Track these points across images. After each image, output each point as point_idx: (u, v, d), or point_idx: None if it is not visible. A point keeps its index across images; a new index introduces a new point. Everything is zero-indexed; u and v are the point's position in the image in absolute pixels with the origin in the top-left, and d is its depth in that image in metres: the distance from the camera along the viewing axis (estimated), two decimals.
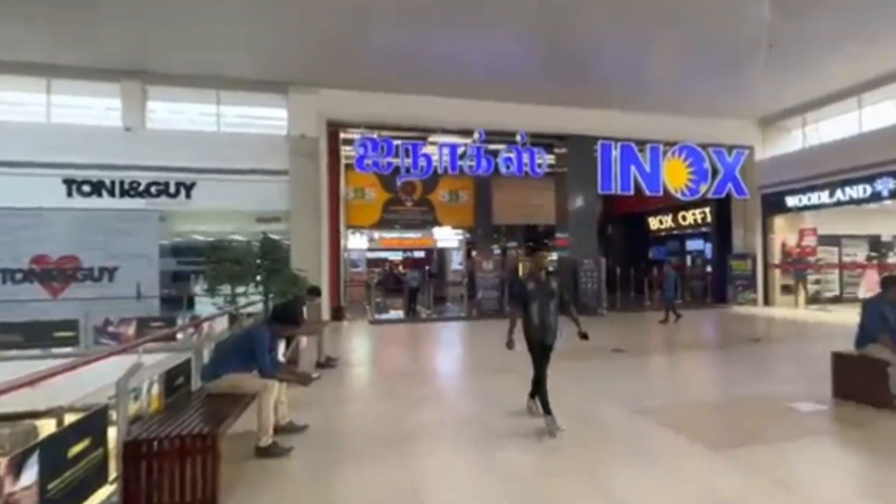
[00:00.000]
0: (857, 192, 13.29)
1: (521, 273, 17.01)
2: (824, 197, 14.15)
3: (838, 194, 13.77)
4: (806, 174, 14.42)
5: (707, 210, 17.63)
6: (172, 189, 11.92)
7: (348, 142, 14.09)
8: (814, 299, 15.45)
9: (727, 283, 16.10)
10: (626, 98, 13.89)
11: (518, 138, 13.85)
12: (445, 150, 13.58)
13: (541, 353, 4.70)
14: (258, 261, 7.07)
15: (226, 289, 6.76)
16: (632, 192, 14.60)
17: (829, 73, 12.57)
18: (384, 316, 14.20)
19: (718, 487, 3.43)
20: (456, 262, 18.41)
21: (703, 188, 14.97)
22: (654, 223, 21.11)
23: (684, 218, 19.02)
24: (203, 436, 3.26)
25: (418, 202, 17.93)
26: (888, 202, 13.11)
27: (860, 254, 16.72)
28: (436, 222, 18.39)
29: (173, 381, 4.23)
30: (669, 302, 12.40)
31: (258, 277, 7.03)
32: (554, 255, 16.56)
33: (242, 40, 10.60)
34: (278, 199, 12.29)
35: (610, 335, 10.41)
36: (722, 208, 16.73)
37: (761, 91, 13.45)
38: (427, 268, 17.39)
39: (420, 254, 20.58)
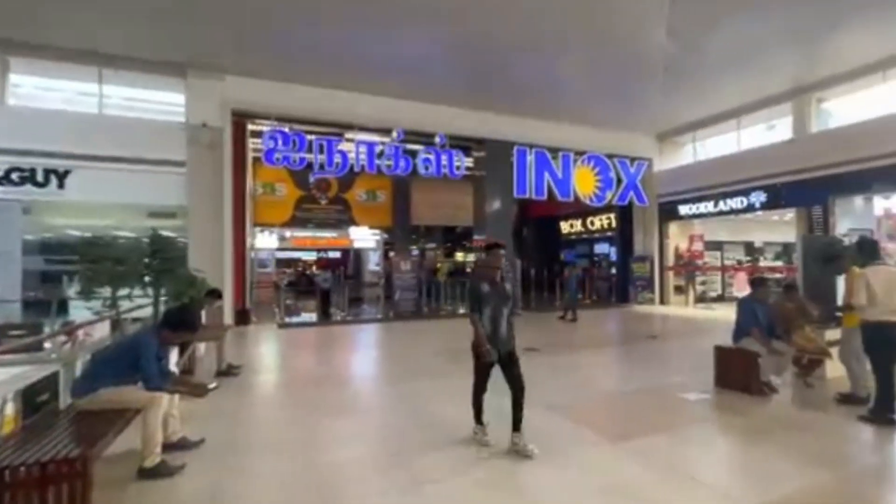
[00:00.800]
0: (736, 203, 15.20)
1: (442, 273, 17.21)
2: (710, 207, 16.00)
3: (721, 205, 15.64)
4: (695, 186, 16.22)
5: (612, 216, 19.15)
6: (40, 177, 10.44)
7: (257, 134, 13.33)
8: (700, 298, 17.38)
9: (629, 284, 17.59)
10: (540, 107, 14.66)
11: (437, 140, 14.01)
12: (363, 148, 13.35)
13: (487, 366, 4.26)
14: (146, 260, 6.39)
15: (105, 291, 6.02)
16: (545, 197, 15.43)
17: (715, 97, 14.23)
18: (295, 319, 13.60)
19: (620, 477, 3.67)
20: (373, 263, 18.20)
21: (608, 195, 16.22)
22: (565, 227, 22.50)
23: (592, 223, 20.51)
24: (70, 460, 2.86)
25: (333, 200, 17.45)
26: (760, 213, 15.14)
27: (738, 258, 19.17)
28: (352, 222, 18.02)
29: (35, 397, 3.70)
30: (571, 301, 13.26)
31: (146, 279, 6.36)
32: (471, 257, 17.00)
33: (131, 10, 9.52)
34: (174, 193, 11.25)
35: (524, 334, 10.81)
36: (625, 215, 18.26)
37: (658, 109, 14.92)
38: (342, 268, 16.98)
39: (336, 254, 20.06)
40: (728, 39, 10.69)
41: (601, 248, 20.90)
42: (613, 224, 19.29)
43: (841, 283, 6.70)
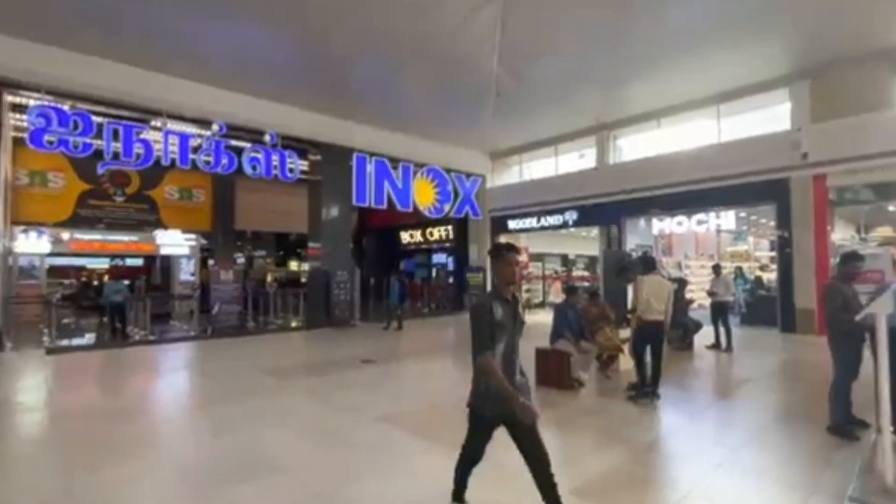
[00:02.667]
0: (554, 220, 16.95)
1: (268, 281, 15.55)
2: (533, 222, 17.59)
3: (542, 221, 17.29)
4: (521, 203, 17.68)
5: (450, 228, 19.86)
6: None
7: (22, 108, 10.34)
8: (526, 305, 18.98)
9: (464, 293, 18.35)
10: (382, 116, 14.39)
11: (267, 138, 12.68)
12: (174, 139, 11.34)
13: (490, 426, 2.95)
14: None
15: None
16: (385, 206, 15.16)
17: (537, 126, 15.66)
18: (75, 342, 10.72)
19: (449, 480, 3.49)
20: (187, 272, 15.60)
21: (446, 208, 16.68)
22: (405, 237, 22.66)
23: (431, 234, 21.01)
24: None
25: (134, 198, 14.54)
26: (573, 229, 17.14)
27: (556, 268, 21.54)
28: (159, 224, 15.25)
29: None
30: (394, 310, 13.17)
31: None
32: (306, 266, 15.79)
33: None
34: None
35: (361, 346, 10.46)
36: (461, 227, 19.06)
37: (491, 130, 15.88)
38: (145, 278, 14.15)
39: (136, 261, 16.63)
40: (548, 76, 11.80)
41: (439, 258, 21.52)
42: (451, 235, 20.00)
43: (630, 290, 7.66)
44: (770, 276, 14.15)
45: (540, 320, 15.26)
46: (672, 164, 13.47)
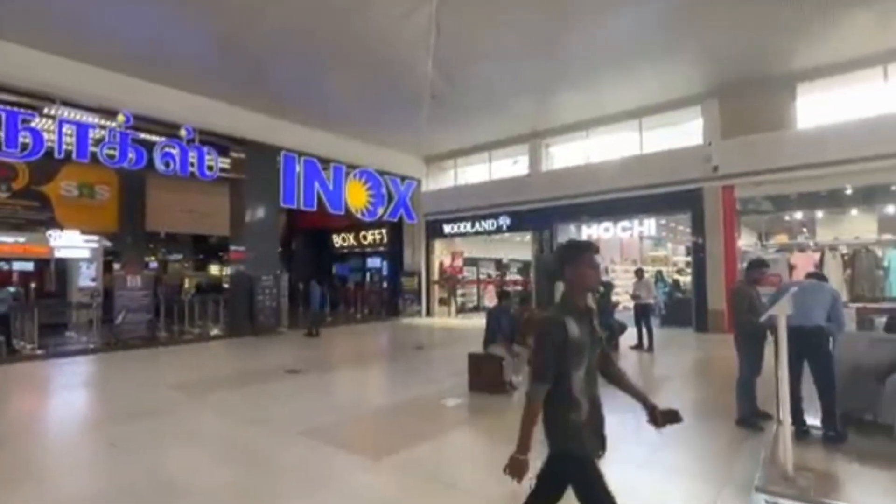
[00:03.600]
0: (488, 224, 17.20)
1: (185, 287, 14.40)
2: (468, 227, 17.74)
3: (477, 225, 17.49)
4: (457, 207, 17.77)
5: (384, 231, 19.56)
6: None
7: None
8: (461, 309, 19.06)
9: (399, 297, 18.13)
10: (312, 115, 13.87)
11: (183, 132, 11.77)
12: (70, 129, 10.20)
13: (564, 480, 2.26)
14: None
15: None
16: (315, 209, 14.62)
17: (472, 131, 15.81)
18: None
19: (384, 495, 3.51)
20: (87, 278, 14.02)
21: (380, 211, 16.40)
22: (338, 240, 22.03)
23: (365, 237, 20.58)
24: None
25: (22, 193, 12.89)
26: (506, 234, 17.50)
27: (490, 272, 21.87)
28: (54, 223, 13.63)
29: None
30: (315, 316, 12.74)
31: None
32: (228, 270, 14.82)
33: None
34: None
35: (287, 355, 10.01)
36: (396, 230, 18.83)
37: (426, 134, 15.80)
38: (35, 284, 12.55)
39: (25, 265, 14.66)
40: (483, 82, 11.96)
41: (374, 262, 21.13)
42: (385, 239, 19.71)
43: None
44: (686, 280, 15.27)
45: (474, 324, 15.47)
46: (599, 173, 14.15)
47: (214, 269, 19.52)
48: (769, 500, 3.24)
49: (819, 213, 11.53)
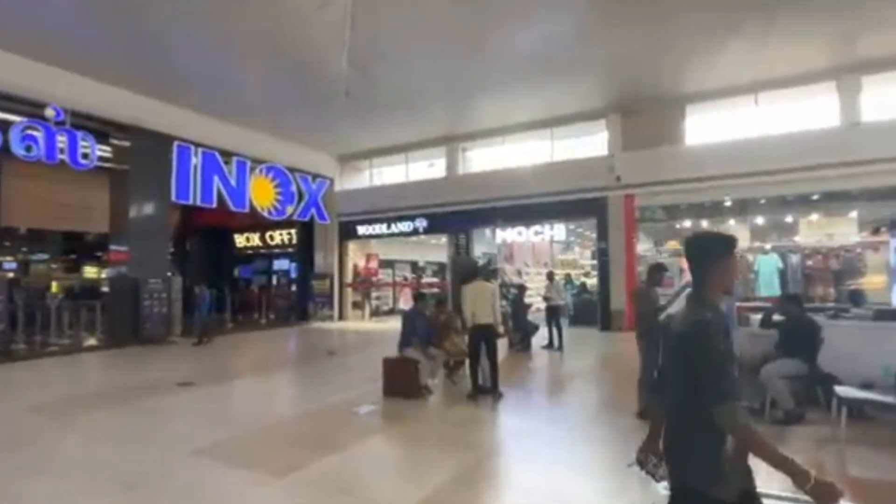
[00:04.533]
0: (404, 226, 17.06)
1: (52, 291, 12.52)
2: (383, 228, 17.48)
3: (393, 227, 17.30)
4: (372, 208, 17.41)
5: (293, 231, 18.62)
6: None
7: None
8: (375, 312, 18.71)
9: (309, 301, 17.38)
10: (213, 103, 12.82)
11: (50, 113, 10.26)
12: None
13: None
14: None
15: None
16: (215, 205, 13.51)
17: (388, 131, 15.54)
18: None
19: None
20: None
21: (289, 210, 15.59)
22: (241, 240, 20.59)
23: (272, 237, 19.43)
24: None
25: None
26: (423, 236, 17.52)
27: (406, 274, 21.74)
28: None
29: None
30: (203, 323, 11.86)
31: None
32: (107, 273, 13.17)
33: None
34: None
35: (179, 366, 9.12)
36: (306, 231, 18.02)
37: (340, 131, 15.33)
38: None
39: None
40: (401, 82, 11.86)
41: (281, 264, 20.02)
42: (294, 240, 18.78)
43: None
44: (592, 282, 16.34)
45: (388, 328, 15.28)
46: (514, 178, 14.68)
47: (91, 271, 17.24)
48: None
49: (704, 223, 12.97)
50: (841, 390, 4.51)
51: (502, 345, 8.33)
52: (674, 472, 1.83)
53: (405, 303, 18.28)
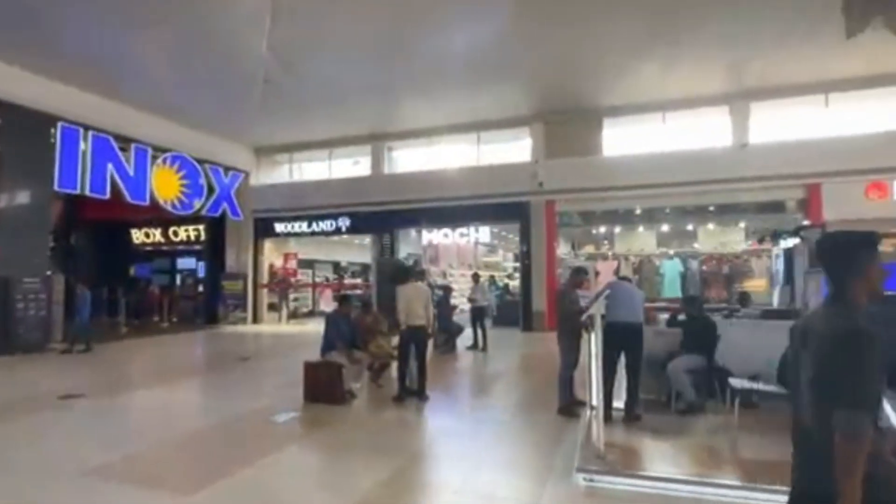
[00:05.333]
0: (326, 225, 16.56)
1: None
2: (303, 226, 16.84)
3: (314, 226, 16.72)
4: (291, 205, 16.70)
5: (202, 228, 17.36)
6: None
7: None
8: (294, 314, 17.98)
9: (219, 303, 16.29)
10: (108, 82, 11.61)
11: None
12: None
13: None
14: None
15: None
16: (108, 197, 12.22)
17: (311, 125, 15.07)
18: None
19: None
20: None
21: (197, 204, 14.52)
22: (139, 236, 18.80)
23: (176, 234, 17.96)
24: None
25: None
26: (346, 236, 17.13)
27: (327, 275, 21.11)
28: None
29: None
30: (81, 328, 10.68)
31: None
32: None
33: None
34: None
35: (62, 376, 8.14)
36: (217, 227, 16.90)
37: (258, 122, 14.55)
38: None
39: None
40: (326, 76, 11.56)
41: (187, 262, 18.57)
42: (203, 237, 17.50)
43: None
44: (515, 284, 16.97)
45: (308, 330, 14.76)
46: (440, 180, 14.85)
47: None
48: (587, 478, 3.70)
49: (617, 229, 14.02)
50: (734, 382, 5.06)
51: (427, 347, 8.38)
52: (800, 475, 1.71)
53: (326, 305, 17.77)
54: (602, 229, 14.45)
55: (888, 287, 4.09)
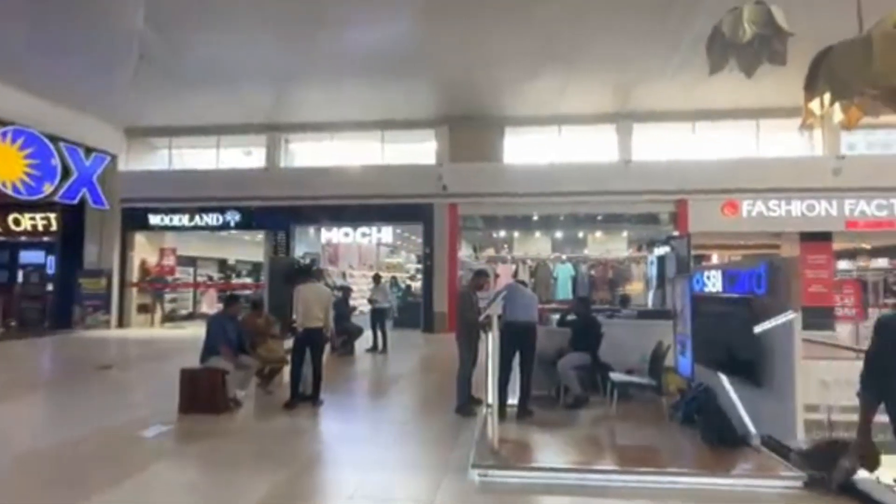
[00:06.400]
0: (212, 219, 15.32)
1: None
2: (184, 220, 15.40)
3: (197, 219, 15.37)
4: (170, 195, 15.17)
5: (53, 216, 15.06)
6: None
7: None
8: (170, 317, 16.35)
9: (75, 304, 14.32)
10: None
11: None
12: None
13: None
14: None
15: None
16: None
17: (196, 108, 13.87)
18: None
19: None
20: None
21: (47, 188, 12.62)
22: None
23: (18, 222, 15.36)
24: None
25: None
26: (235, 231, 16.05)
27: (212, 274, 19.51)
28: None
29: None
30: None
31: None
32: None
33: None
34: None
35: None
36: (74, 217, 14.81)
37: (131, 99, 13.05)
38: None
39: None
40: (212, 56, 10.81)
41: (33, 256, 16.02)
42: (54, 227, 15.20)
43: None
44: (417, 285, 17.10)
45: (186, 335, 13.55)
46: (342, 177, 14.51)
47: None
48: (481, 474, 3.85)
49: (516, 234, 14.82)
50: (613, 376, 5.61)
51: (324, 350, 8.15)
52: None
53: (210, 306, 16.44)
54: (502, 233, 15.18)
55: (730, 290, 4.88)
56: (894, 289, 15.66)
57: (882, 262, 17.09)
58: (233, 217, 15.21)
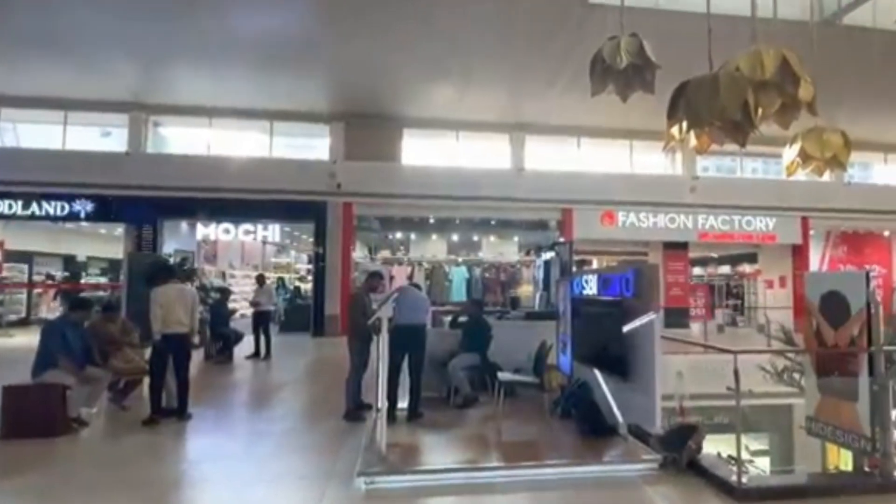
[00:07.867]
0: (57, 208, 13.35)
1: None
2: (17, 208, 13.21)
3: (36, 207, 13.29)
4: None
5: None
6: None
7: None
8: None
9: None
10: None
11: None
12: None
13: None
14: None
15: None
16: None
17: (36, 76, 12.15)
18: None
19: None
20: None
21: None
22: None
23: None
24: None
25: None
26: (86, 224, 14.17)
27: (53, 273, 16.98)
28: None
29: None
30: None
31: None
32: None
33: None
34: None
35: None
36: None
37: None
38: None
39: None
40: (56, 15, 9.57)
41: None
42: None
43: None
44: (307, 287, 16.47)
45: (18, 344, 11.62)
46: (223, 168, 13.53)
47: None
48: (368, 482, 3.79)
49: (413, 235, 14.96)
50: (501, 375, 5.88)
51: (197, 356, 7.50)
52: None
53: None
54: (399, 235, 15.24)
55: (604, 293, 5.38)
56: (734, 292, 18.49)
57: (725, 269, 20.06)
58: (84, 207, 13.37)
